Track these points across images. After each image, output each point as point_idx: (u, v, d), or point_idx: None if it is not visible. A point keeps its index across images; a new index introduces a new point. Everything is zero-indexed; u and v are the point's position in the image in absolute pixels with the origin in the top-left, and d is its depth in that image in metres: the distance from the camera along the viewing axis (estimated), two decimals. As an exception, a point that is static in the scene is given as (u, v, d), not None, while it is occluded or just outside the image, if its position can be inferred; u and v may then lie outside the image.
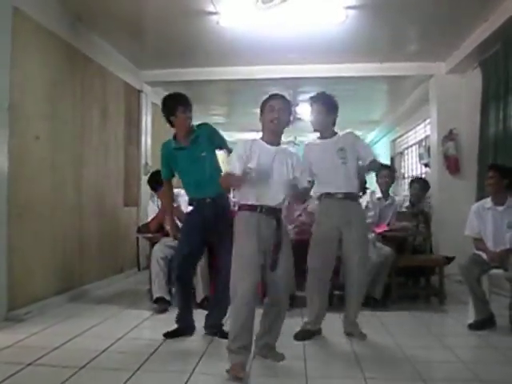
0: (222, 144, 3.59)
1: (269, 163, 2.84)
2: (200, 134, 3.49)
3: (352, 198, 3.54)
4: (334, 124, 3.62)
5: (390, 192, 5.08)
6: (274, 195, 2.86)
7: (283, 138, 3.05)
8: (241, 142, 2.97)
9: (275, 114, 2.85)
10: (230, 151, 3.45)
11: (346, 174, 3.48)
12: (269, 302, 3.00)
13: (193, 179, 3.51)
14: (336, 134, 3.61)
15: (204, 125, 3.62)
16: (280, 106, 2.88)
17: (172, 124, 3.56)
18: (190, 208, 3.65)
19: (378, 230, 4.69)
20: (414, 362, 3.00)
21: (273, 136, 2.92)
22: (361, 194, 3.90)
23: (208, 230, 3.47)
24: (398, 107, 9.12)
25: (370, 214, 4.70)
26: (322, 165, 3.52)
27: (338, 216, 3.48)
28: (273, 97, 2.94)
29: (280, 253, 2.85)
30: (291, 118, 3.00)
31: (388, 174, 4.99)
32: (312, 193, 3.68)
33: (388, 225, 4.87)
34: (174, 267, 3.76)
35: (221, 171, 3.67)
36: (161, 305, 4.30)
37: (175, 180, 3.84)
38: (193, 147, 3.47)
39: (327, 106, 3.57)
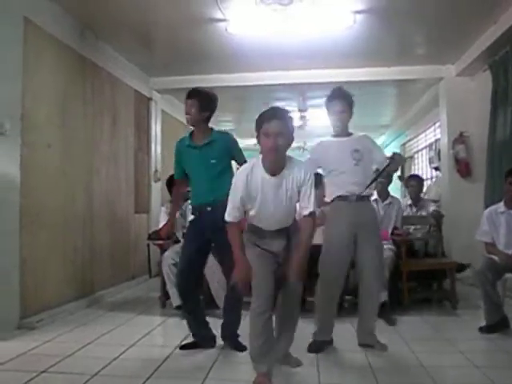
0: (238, 158, 3.47)
1: (269, 197, 2.64)
2: (217, 140, 3.37)
3: (365, 200, 3.43)
4: (350, 119, 3.48)
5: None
6: (281, 222, 2.76)
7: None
8: (239, 173, 2.74)
9: (271, 140, 2.50)
10: None
11: (358, 176, 3.37)
12: (280, 312, 2.92)
13: (198, 182, 3.40)
14: (351, 134, 3.48)
15: (225, 134, 3.54)
16: (275, 129, 2.52)
17: None
18: (192, 217, 3.52)
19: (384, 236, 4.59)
20: (428, 367, 2.97)
21: (273, 166, 2.61)
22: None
23: (208, 240, 3.38)
24: (407, 111, 9.11)
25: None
26: (336, 165, 3.37)
27: (352, 220, 3.34)
28: (267, 119, 2.55)
29: (290, 267, 2.74)
30: (292, 136, 2.65)
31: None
32: (326, 195, 3.55)
33: (396, 228, 4.86)
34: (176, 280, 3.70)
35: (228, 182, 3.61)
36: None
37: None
38: (204, 150, 3.35)
39: (349, 102, 3.42)
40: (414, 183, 5.42)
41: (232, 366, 3.07)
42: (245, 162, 3.36)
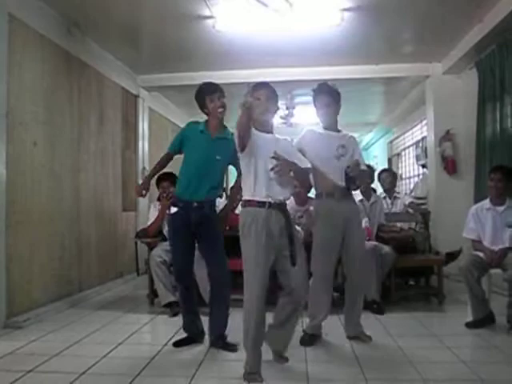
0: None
1: (269, 153, 2.75)
2: (229, 139, 3.18)
3: (349, 196, 3.47)
4: (338, 114, 3.50)
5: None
6: (280, 187, 2.78)
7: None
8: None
9: (264, 105, 2.82)
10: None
11: (339, 170, 3.37)
12: (286, 298, 2.88)
13: (194, 174, 3.28)
14: (340, 131, 3.50)
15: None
16: (268, 95, 2.84)
17: (208, 115, 3.41)
18: (174, 209, 3.40)
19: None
20: (415, 362, 3.00)
21: (265, 126, 2.89)
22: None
23: (193, 233, 3.33)
24: (394, 108, 9.15)
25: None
26: (318, 154, 3.33)
27: (339, 216, 3.37)
28: (257, 86, 2.87)
29: (295, 247, 2.77)
30: (278, 106, 2.95)
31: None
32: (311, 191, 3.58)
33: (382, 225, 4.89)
34: (173, 275, 3.68)
35: (222, 183, 3.55)
36: (173, 309, 4.24)
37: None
38: (215, 143, 3.30)
39: (334, 96, 3.43)
40: (384, 175, 5.49)
41: (220, 364, 3.07)
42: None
